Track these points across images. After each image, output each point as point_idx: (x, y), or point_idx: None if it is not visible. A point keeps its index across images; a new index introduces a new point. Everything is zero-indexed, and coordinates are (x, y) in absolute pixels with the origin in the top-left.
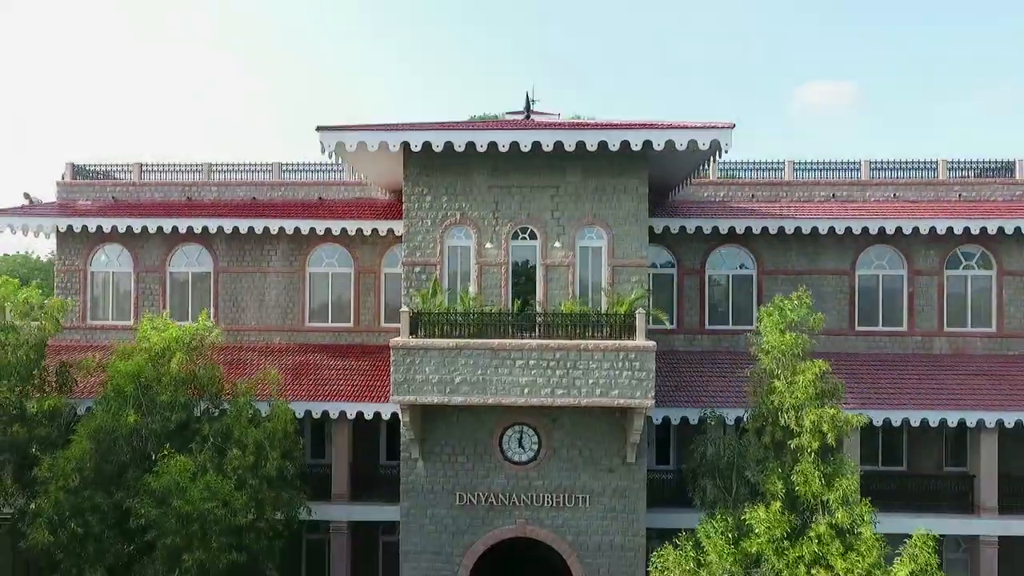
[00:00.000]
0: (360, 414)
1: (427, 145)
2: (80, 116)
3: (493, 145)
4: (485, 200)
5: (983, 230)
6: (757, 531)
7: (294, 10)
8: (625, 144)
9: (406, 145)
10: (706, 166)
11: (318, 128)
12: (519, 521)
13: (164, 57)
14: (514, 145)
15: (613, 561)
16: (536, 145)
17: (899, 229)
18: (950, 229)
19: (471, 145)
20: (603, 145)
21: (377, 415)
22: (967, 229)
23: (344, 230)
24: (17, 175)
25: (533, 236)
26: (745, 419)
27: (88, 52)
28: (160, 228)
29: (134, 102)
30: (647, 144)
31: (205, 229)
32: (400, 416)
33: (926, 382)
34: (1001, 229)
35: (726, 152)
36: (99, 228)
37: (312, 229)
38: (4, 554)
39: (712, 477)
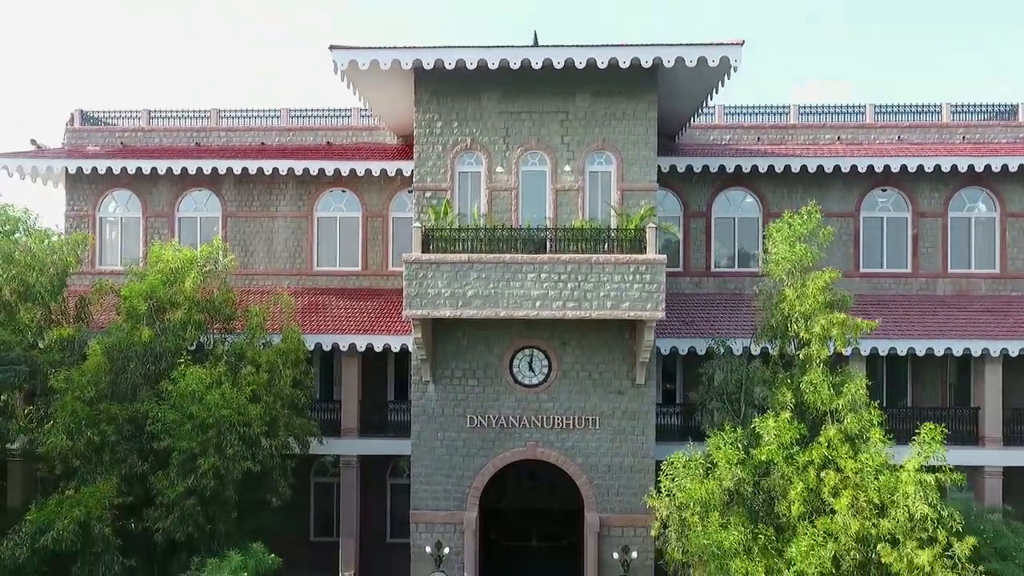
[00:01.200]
0: (370, 347)
1: (438, 68)
2: (90, 67)
3: (504, 69)
4: (495, 126)
5: (987, 168)
6: (766, 439)
7: None
8: (635, 64)
9: (417, 69)
10: (713, 97)
11: (331, 47)
12: (529, 443)
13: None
14: (525, 64)
15: (622, 483)
16: (547, 66)
17: (904, 167)
18: (954, 167)
19: (482, 69)
20: (613, 64)
21: (387, 348)
22: (971, 167)
23: (353, 171)
24: (24, 128)
25: (543, 161)
26: (751, 343)
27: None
28: (169, 170)
29: (149, 50)
30: (657, 62)
31: (214, 171)
32: (412, 332)
33: (930, 318)
34: (1005, 167)
35: (735, 70)
36: (108, 171)
37: (321, 170)
38: (18, 487)
39: (720, 401)
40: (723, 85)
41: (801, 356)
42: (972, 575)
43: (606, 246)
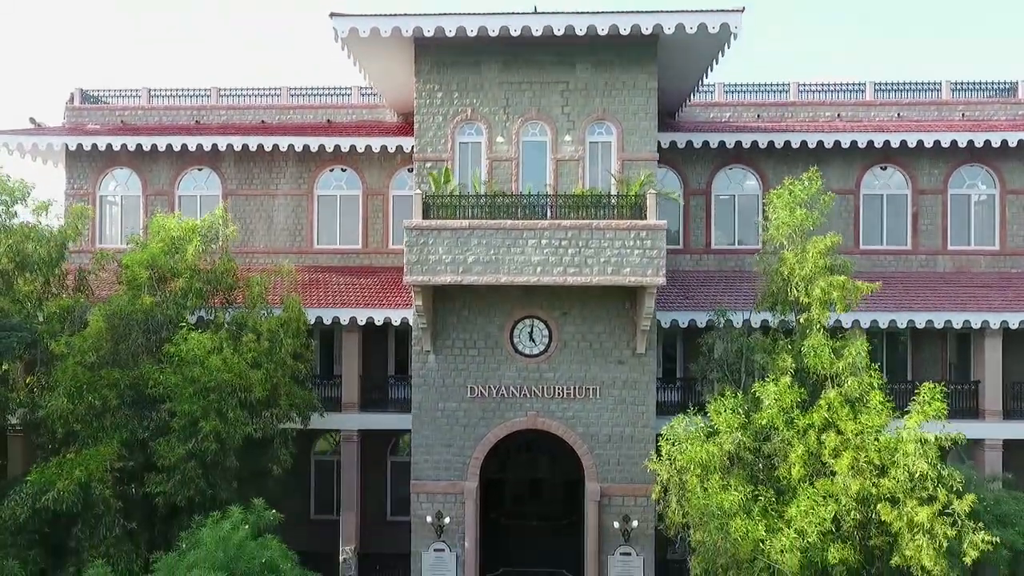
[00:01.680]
0: (370, 321)
1: (438, 36)
2: (90, 48)
3: (504, 39)
4: (496, 96)
5: (987, 144)
6: (766, 404)
7: None
8: (636, 32)
9: (418, 39)
10: (714, 68)
11: (331, 15)
12: (530, 413)
13: None
14: (526, 31)
15: (623, 452)
16: (547, 33)
17: (904, 143)
18: (954, 143)
19: (482, 37)
20: (614, 31)
21: (387, 322)
22: (971, 143)
23: (353, 147)
24: (23, 106)
25: (543, 132)
26: (751, 315)
27: None
28: (169, 147)
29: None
30: (657, 29)
31: (215, 148)
32: (413, 300)
33: (930, 293)
34: (1004, 142)
35: (735, 37)
36: (108, 148)
37: (321, 146)
38: (18, 462)
39: (721, 371)
40: (723, 55)
41: (801, 321)
42: (972, 532)
43: (606, 212)
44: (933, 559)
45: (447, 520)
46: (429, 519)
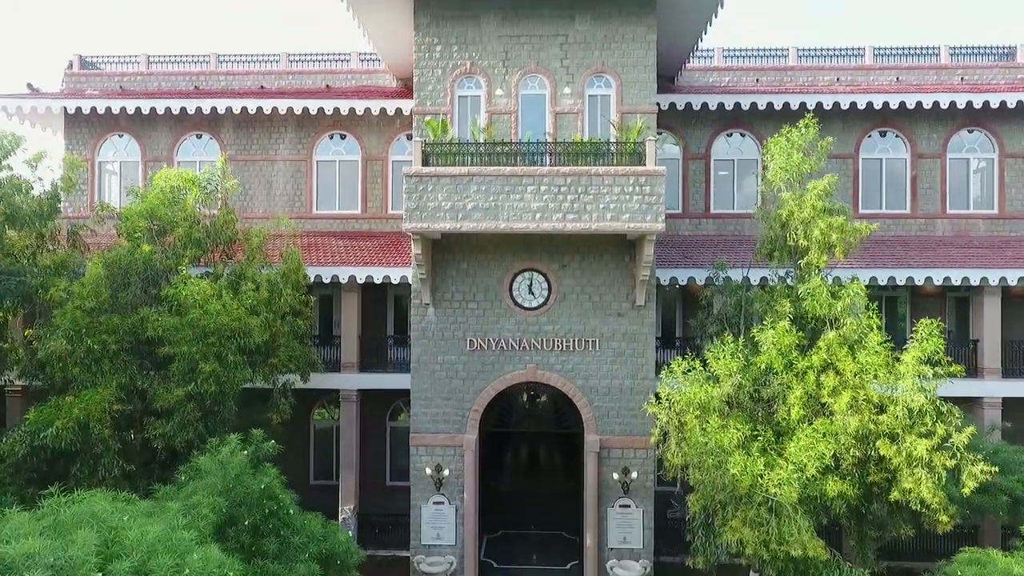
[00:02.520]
0: (369, 280)
1: None
2: (89, 17)
3: None
4: (495, 50)
5: (985, 106)
6: (765, 348)
7: None
8: None
9: None
10: (711, 25)
11: None
12: (529, 366)
13: None
14: None
15: (622, 404)
16: None
17: (903, 104)
18: (952, 105)
19: None
20: None
21: (386, 282)
22: (970, 104)
23: (352, 111)
24: (23, 76)
25: (542, 85)
26: (748, 271)
27: None
28: (168, 112)
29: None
30: None
31: (214, 111)
32: (412, 249)
33: (930, 254)
34: (1003, 103)
35: None
36: (107, 112)
37: (320, 110)
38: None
39: (719, 325)
40: (722, 7)
41: (800, 266)
42: (971, 464)
43: (605, 160)
44: (932, 491)
45: (446, 472)
46: (428, 471)
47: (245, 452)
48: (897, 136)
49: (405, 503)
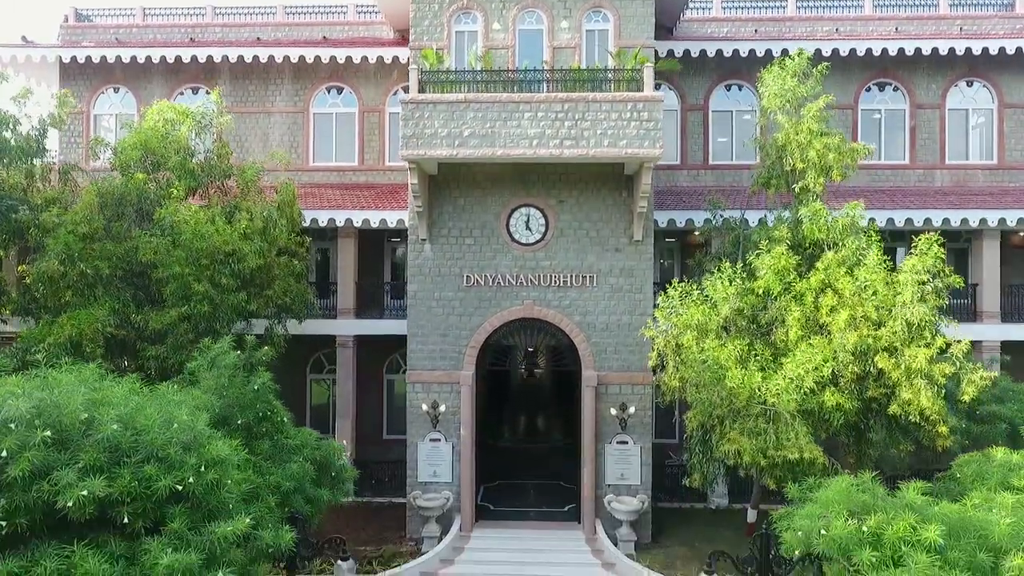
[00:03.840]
0: (366, 223)
1: None
2: None
3: None
4: None
5: (985, 53)
6: (763, 272)
7: None
8: None
9: None
10: None
11: None
12: (526, 302)
13: None
14: None
15: (620, 340)
16: None
17: (902, 51)
18: (952, 52)
19: None
20: None
21: (383, 226)
22: (969, 51)
23: (349, 60)
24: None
25: (540, 20)
26: (744, 213)
27: None
28: (164, 61)
29: None
30: None
31: (210, 60)
32: (408, 179)
33: (928, 200)
34: (1003, 50)
35: None
36: (103, 62)
37: (317, 59)
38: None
39: (718, 261)
40: None
41: (797, 190)
42: (970, 372)
43: (603, 87)
44: (931, 400)
45: (442, 409)
46: (425, 407)
47: (238, 353)
48: (896, 89)
49: (401, 452)
